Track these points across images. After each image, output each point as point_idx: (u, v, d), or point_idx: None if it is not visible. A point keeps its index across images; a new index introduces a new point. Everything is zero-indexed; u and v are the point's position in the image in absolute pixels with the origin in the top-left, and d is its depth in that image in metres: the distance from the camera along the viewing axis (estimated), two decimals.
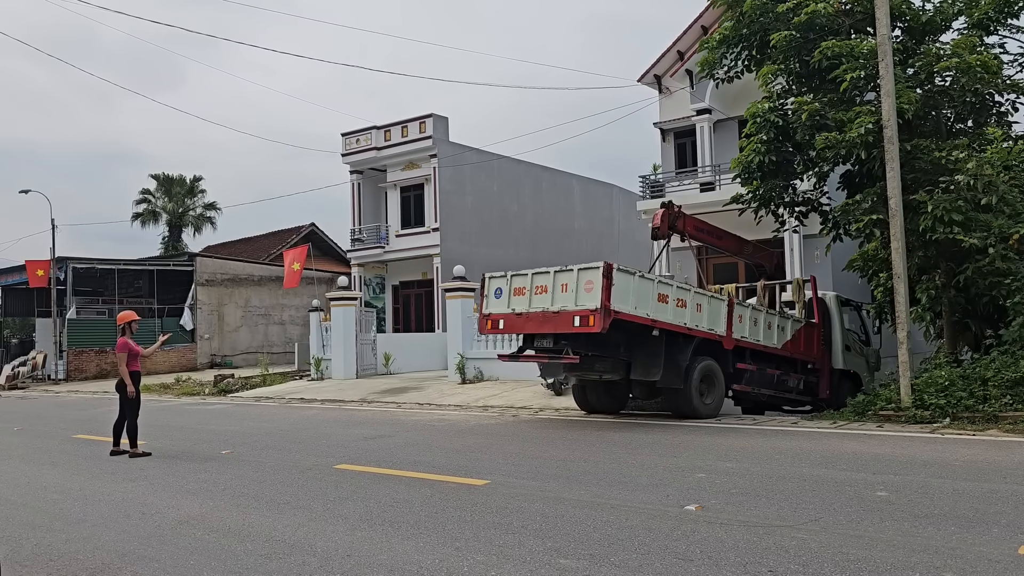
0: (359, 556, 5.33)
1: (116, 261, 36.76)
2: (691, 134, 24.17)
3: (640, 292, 11.29)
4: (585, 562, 5.00)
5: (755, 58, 14.91)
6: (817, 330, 14.56)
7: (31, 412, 19.47)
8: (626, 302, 11.02)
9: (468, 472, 8.33)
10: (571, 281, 11.15)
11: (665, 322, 11.56)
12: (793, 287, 15.14)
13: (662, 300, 11.54)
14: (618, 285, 10.90)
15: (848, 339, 15.49)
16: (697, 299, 12.16)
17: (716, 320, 12.42)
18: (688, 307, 11.93)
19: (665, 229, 14.43)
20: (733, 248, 16.51)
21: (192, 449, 11.26)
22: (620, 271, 11.01)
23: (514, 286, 11.97)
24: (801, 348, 14.12)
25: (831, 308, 15.33)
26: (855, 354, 15.71)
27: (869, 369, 16.15)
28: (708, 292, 12.81)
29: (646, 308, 11.32)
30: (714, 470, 7.95)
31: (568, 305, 11.05)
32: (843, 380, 15.23)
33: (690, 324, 11.95)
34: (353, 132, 31.79)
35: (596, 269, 10.86)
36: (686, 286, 12.29)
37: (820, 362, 14.52)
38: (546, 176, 34.06)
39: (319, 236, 43.08)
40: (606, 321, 10.67)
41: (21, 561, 5.56)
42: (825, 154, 13.05)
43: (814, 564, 4.78)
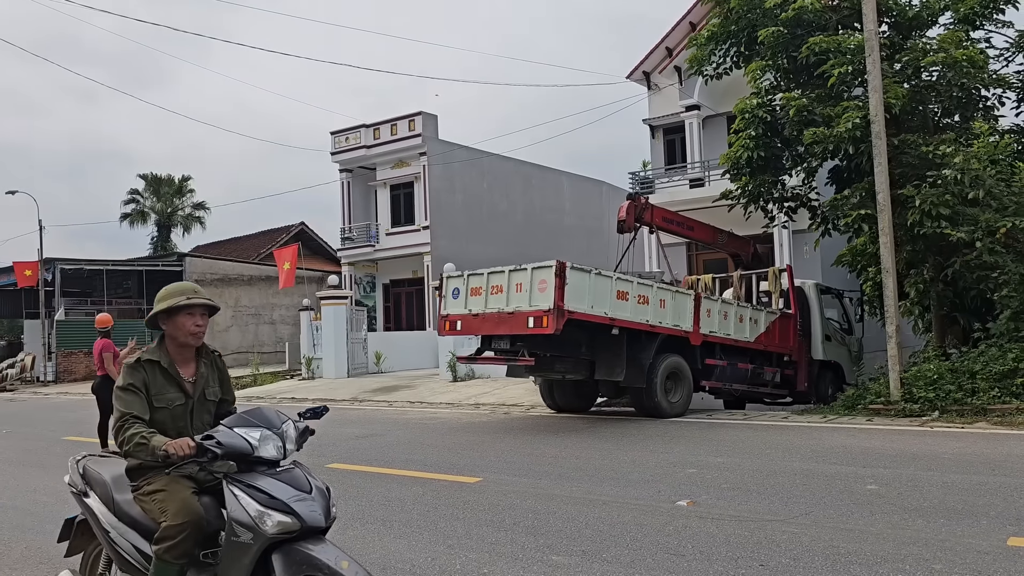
0: (351, 555, 5.31)
1: (104, 262, 36.55)
2: (680, 130, 24.20)
3: (597, 290, 10.97)
4: (577, 558, 5.01)
5: (743, 54, 14.94)
6: (793, 321, 14.25)
7: (20, 414, 19.36)
8: (582, 301, 10.70)
9: (460, 470, 8.34)
10: (525, 281, 10.82)
11: (625, 320, 11.23)
12: (770, 277, 14.81)
13: (621, 297, 11.21)
14: (572, 284, 10.57)
15: (828, 329, 15.24)
16: (660, 295, 11.86)
17: (681, 316, 12.10)
18: (651, 303, 11.62)
19: (631, 222, 14.10)
20: (706, 238, 16.17)
21: None
22: (574, 269, 10.66)
23: (471, 286, 11.60)
24: (776, 341, 13.82)
25: (810, 297, 15.04)
26: (836, 344, 15.46)
27: (852, 359, 15.91)
28: (672, 287, 12.49)
29: (604, 306, 11.00)
30: (705, 465, 7.97)
31: (523, 306, 10.71)
32: (824, 371, 15.04)
33: (652, 321, 11.63)
34: (342, 130, 31.69)
35: (549, 268, 10.54)
36: (648, 282, 11.96)
37: (797, 354, 14.27)
38: (536, 173, 34.05)
39: (309, 235, 42.93)
40: (559, 322, 10.35)
41: (11, 564, 5.53)
42: (813, 149, 13.10)
43: (805, 558, 4.81)
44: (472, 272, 11.75)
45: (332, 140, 31.93)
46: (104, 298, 36.67)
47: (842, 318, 16.21)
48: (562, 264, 10.48)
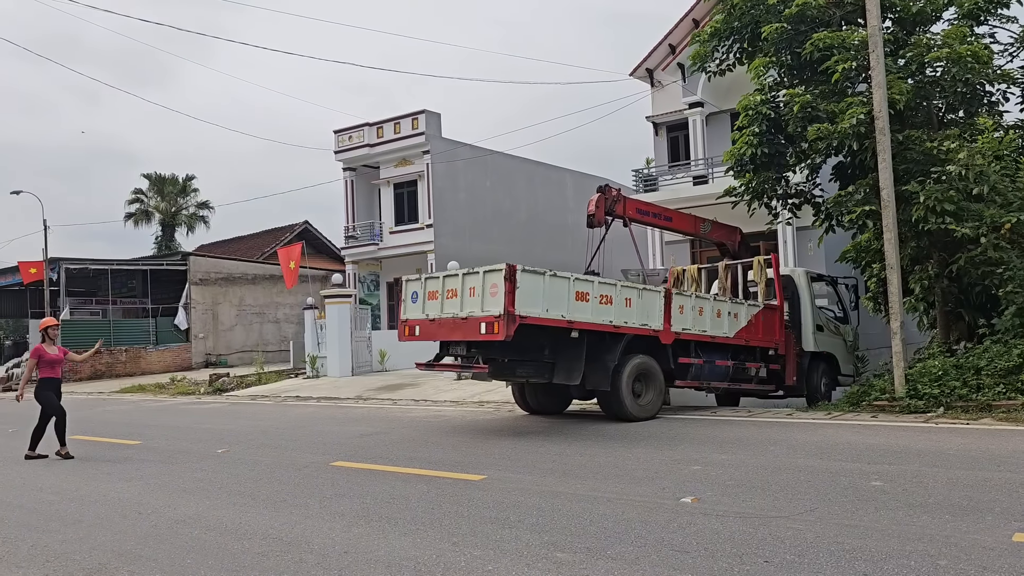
0: (356, 552, 5.34)
1: (109, 261, 36.63)
2: (683, 127, 24.18)
3: (553, 293, 10.45)
4: (582, 555, 5.02)
5: (746, 51, 14.93)
6: (778, 313, 13.67)
7: (26, 414, 19.37)
8: (535, 305, 10.20)
9: (465, 467, 8.35)
10: (478, 285, 10.37)
11: (584, 322, 10.71)
12: (754, 267, 14.21)
13: (581, 299, 10.68)
14: (525, 287, 10.08)
15: (820, 319, 14.58)
16: (625, 293, 11.30)
17: (650, 314, 11.55)
18: (615, 303, 11.08)
19: (601, 216, 13.32)
20: (687, 228, 15.41)
21: (188, 448, 11.25)
22: (526, 272, 10.18)
23: (428, 290, 11.18)
24: (759, 335, 13.21)
25: (799, 286, 14.40)
26: (829, 334, 14.82)
27: (847, 349, 15.27)
28: (639, 285, 11.87)
29: (561, 309, 10.47)
30: (710, 462, 7.97)
31: (475, 311, 10.28)
32: (816, 363, 14.39)
33: (616, 321, 11.09)
34: (345, 129, 31.72)
35: (500, 272, 10.09)
36: (611, 280, 11.33)
37: (784, 347, 13.65)
38: (539, 171, 34.04)
39: (313, 234, 42.99)
40: (510, 328, 9.87)
41: (18, 563, 5.55)
42: (817, 146, 13.08)
43: (810, 554, 4.81)
44: (429, 275, 11.37)
45: (335, 139, 31.95)
46: (109, 298, 36.77)
47: (837, 306, 15.58)
48: (511, 267, 10.03)
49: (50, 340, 11.24)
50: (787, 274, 14.53)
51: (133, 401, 22.56)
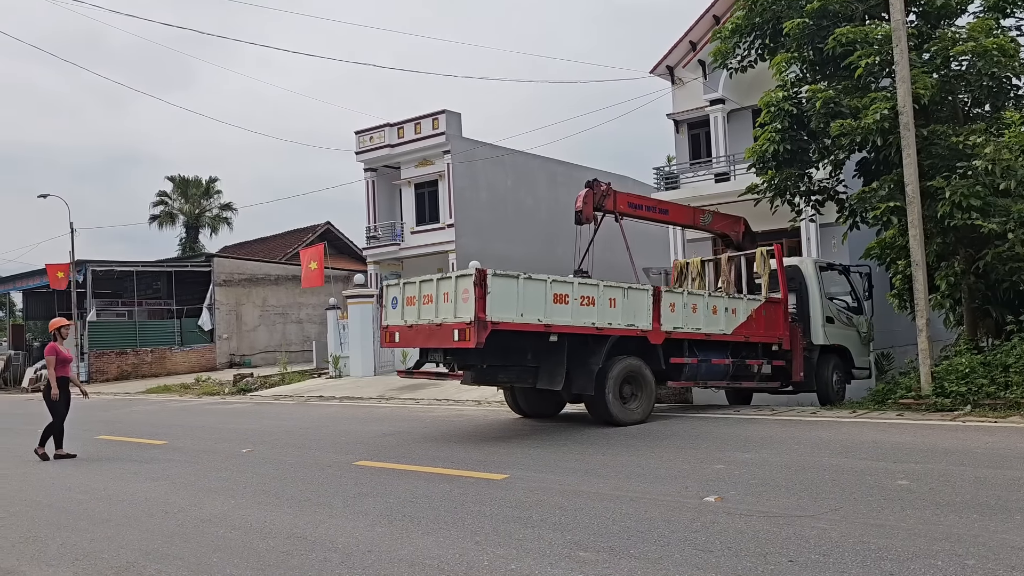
0: (380, 551, 5.37)
1: (134, 263, 37.08)
2: (705, 125, 24.06)
3: (528, 296, 10.00)
4: (605, 554, 5.01)
5: (768, 47, 14.82)
6: (782, 306, 13.13)
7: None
8: (509, 310, 9.78)
9: (487, 466, 8.36)
10: (451, 290, 10.02)
11: (564, 325, 10.28)
12: (757, 259, 13.70)
13: (560, 301, 10.24)
14: (497, 292, 9.68)
15: (830, 310, 14.06)
16: (609, 293, 10.82)
17: (637, 313, 11.10)
18: (597, 304, 10.63)
19: (589, 212, 12.60)
20: (685, 221, 14.58)
21: (213, 448, 11.36)
22: (498, 276, 9.78)
23: (406, 295, 10.88)
24: (760, 330, 12.74)
25: (807, 276, 13.89)
26: (841, 326, 14.27)
27: (861, 341, 14.66)
28: (623, 283, 11.29)
29: (537, 313, 10.02)
30: (733, 461, 7.93)
31: (449, 317, 9.94)
32: (827, 357, 13.89)
33: (599, 323, 10.64)
34: (366, 130, 31.88)
35: (471, 277, 9.73)
36: (592, 281, 10.82)
37: (789, 342, 13.13)
38: (560, 170, 34.01)
39: (335, 234, 43.26)
40: (481, 335, 9.47)
41: (47, 561, 5.64)
42: (840, 141, 12.95)
43: (835, 553, 4.77)
44: (407, 280, 11.03)
45: (356, 139, 32.12)
46: (134, 299, 37.21)
47: (851, 296, 14.97)
48: (481, 272, 9.68)
49: (62, 339, 11.44)
50: (794, 264, 14.09)
51: (159, 401, 22.81)
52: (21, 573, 5.36)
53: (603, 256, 13.07)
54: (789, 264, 13.97)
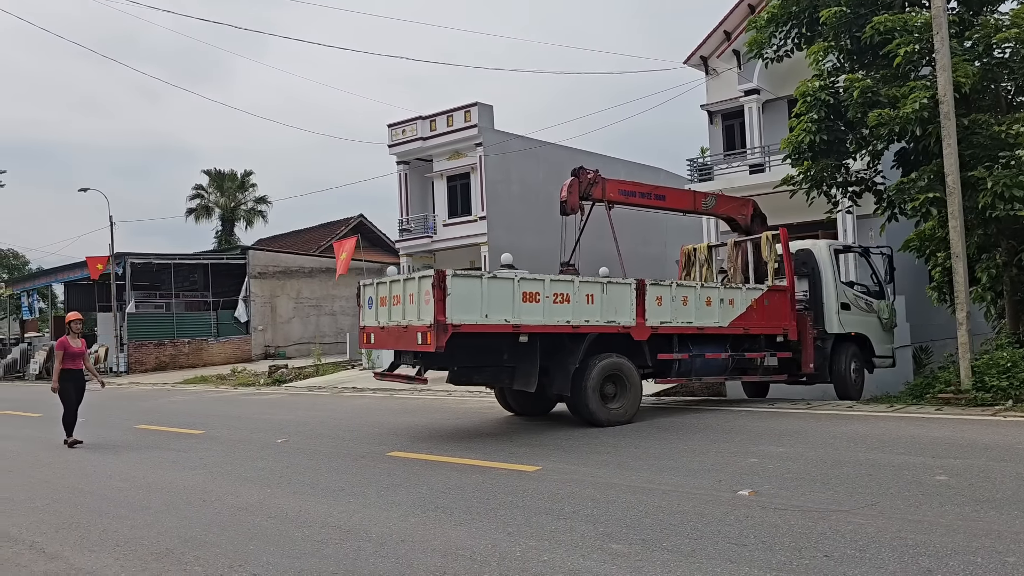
0: (413, 541, 5.41)
1: (172, 256, 37.66)
2: (739, 115, 23.80)
3: (494, 296, 9.63)
4: (637, 547, 5.00)
5: (804, 36, 14.61)
6: (787, 294, 12.52)
7: (95, 403, 20.08)
8: (473, 311, 9.44)
9: (519, 458, 8.38)
10: (415, 291, 9.70)
11: (535, 325, 9.89)
12: (762, 244, 13.14)
13: (530, 300, 9.85)
14: (459, 293, 9.35)
15: (846, 296, 13.35)
16: (586, 289, 10.35)
17: (619, 309, 10.62)
18: (573, 301, 10.20)
19: (575, 201, 11.98)
20: (684, 205, 13.66)
21: (249, 438, 11.52)
22: (459, 277, 9.48)
23: (379, 295, 10.61)
24: (762, 321, 12.12)
25: (820, 261, 13.21)
26: (859, 312, 13.50)
27: (882, 327, 13.87)
28: (602, 279, 10.83)
29: (504, 313, 9.65)
30: (767, 455, 7.86)
31: (413, 319, 9.66)
32: (843, 346, 13.22)
33: (575, 321, 10.20)
34: (399, 123, 31.98)
35: (430, 278, 9.41)
36: (567, 277, 10.41)
37: (796, 332, 12.54)
38: (592, 162, 33.49)
39: (367, 227, 43.55)
40: (441, 339, 9.16)
41: (90, 547, 5.76)
42: (879, 132, 12.74)
43: (871, 549, 4.71)
44: (380, 280, 10.77)
45: (389, 133, 32.25)
46: (172, 291, 37.82)
47: (872, 279, 14.26)
48: (440, 273, 9.35)
49: (74, 333, 11.90)
50: (806, 248, 13.43)
51: (196, 392, 23.18)
52: (65, 558, 5.49)
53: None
54: (801, 248, 13.40)
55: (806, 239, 14.04)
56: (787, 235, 13.01)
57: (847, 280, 13.80)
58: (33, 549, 5.77)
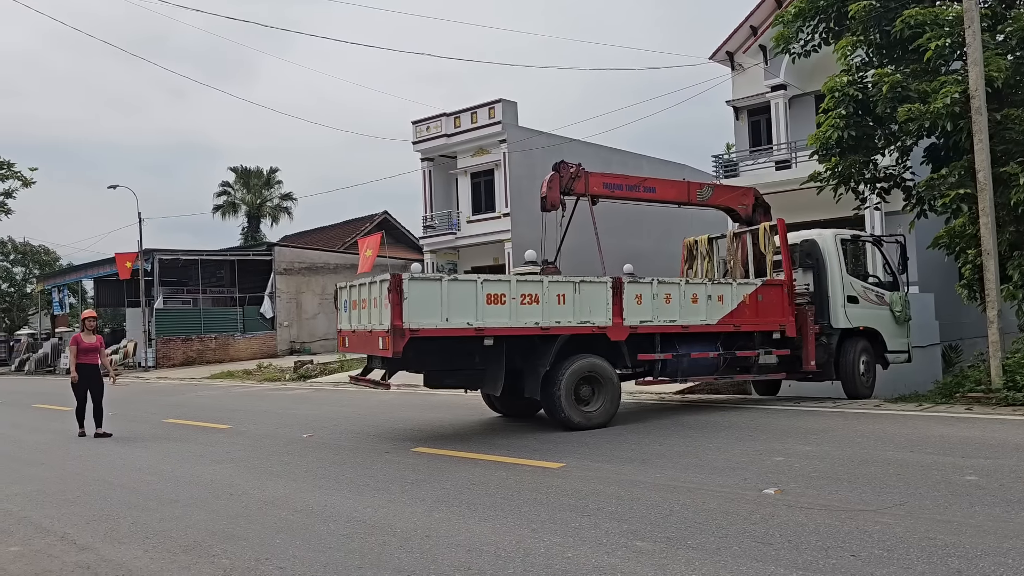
0: (437, 536, 5.43)
1: (199, 252, 38.05)
2: (765, 111, 23.63)
3: (456, 299, 9.37)
4: (662, 545, 4.98)
5: (832, 30, 14.47)
6: (784, 289, 11.94)
7: (124, 398, 20.37)
8: (433, 315, 9.21)
9: (543, 455, 8.38)
10: (378, 295, 9.51)
11: (500, 327, 9.58)
12: (760, 236, 12.60)
13: (495, 301, 9.54)
14: (417, 297, 9.13)
15: (853, 288, 12.74)
16: (557, 289, 10.01)
17: (594, 309, 10.23)
18: (542, 302, 9.86)
19: (555, 197, 11.63)
20: (677, 197, 12.97)
21: (275, 432, 11.62)
22: (417, 280, 9.30)
23: (352, 299, 10.47)
24: (754, 317, 11.58)
25: (825, 252, 12.67)
26: (868, 305, 12.90)
27: (896, 321, 13.19)
28: (575, 277, 10.41)
29: (467, 316, 9.37)
30: (793, 453, 7.80)
31: (376, 324, 9.52)
32: (851, 341, 12.64)
33: (545, 322, 9.85)
34: (423, 120, 32.09)
35: (386, 282, 9.23)
36: (536, 277, 10.10)
37: (794, 328, 11.95)
38: (616, 158, 33.74)
39: (392, 223, 43.73)
40: (398, 344, 8.99)
41: (120, 539, 5.85)
42: (908, 127, 12.58)
43: (899, 549, 4.66)
44: (352, 283, 10.62)
45: (413, 129, 32.37)
46: (199, 287, 38.21)
47: (884, 270, 13.65)
48: (396, 277, 9.15)
49: (88, 330, 12.41)
50: (810, 239, 12.90)
51: (222, 387, 23.42)
52: (95, 549, 5.57)
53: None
54: (805, 238, 12.93)
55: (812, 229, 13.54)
56: (785, 226, 12.47)
57: (858, 272, 13.15)
58: (65, 540, 5.86)
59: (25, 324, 56.07)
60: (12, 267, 56.73)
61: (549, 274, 10.60)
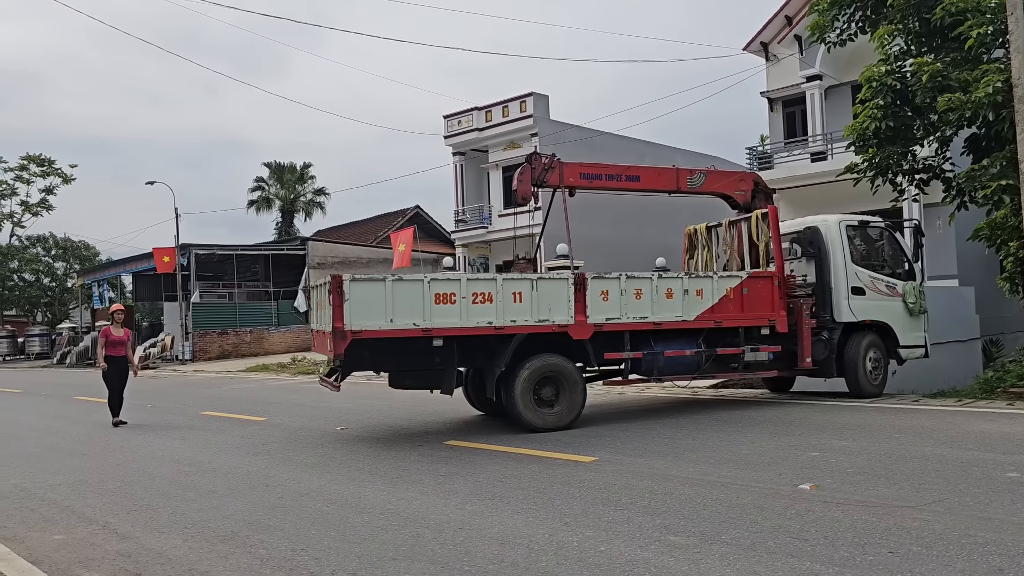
0: (471, 529, 5.45)
1: (234, 247, 38.52)
2: (800, 102, 23.33)
3: (403, 299, 9.18)
4: (695, 539, 4.96)
5: (870, 19, 14.23)
6: (773, 282, 11.18)
7: (162, 390, 20.72)
8: (376, 316, 9.06)
9: (575, 449, 8.38)
10: (324, 297, 9.42)
11: (450, 328, 9.34)
12: (752, 225, 11.85)
13: (444, 301, 9.30)
14: (358, 298, 9.00)
15: (859, 279, 11.79)
16: (513, 287, 9.63)
17: (554, 307, 9.81)
18: (496, 300, 9.51)
19: (526, 190, 11.16)
20: (666, 185, 12.24)
21: (309, 425, 11.75)
22: (358, 281, 9.13)
23: (316, 299, 10.39)
24: (739, 312, 10.92)
25: (828, 240, 11.81)
26: (876, 297, 11.91)
27: (909, 313, 12.08)
28: (532, 274, 10.13)
29: (414, 317, 9.17)
30: (829, 449, 7.71)
31: (326, 326, 9.38)
32: (857, 336, 11.70)
33: (499, 322, 9.51)
34: (454, 114, 32.15)
35: (326, 285, 9.16)
36: (487, 276, 9.74)
37: (785, 323, 11.16)
38: (649, 151, 33.51)
39: (423, 218, 43.92)
40: (339, 346, 8.94)
41: (159, 528, 5.96)
42: (948, 117, 12.34)
43: (938, 546, 4.59)
44: (317, 284, 10.33)
45: (445, 124, 32.44)
46: (234, 281, 38.69)
47: (898, 257, 12.47)
48: (337, 278, 9.04)
49: (116, 323, 12.92)
50: (813, 226, 12.07)
51: (257, 380, 23.70)
52: (136, 539, 5.68)
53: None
54: (809, 225, 12.16)
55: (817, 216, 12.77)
56: (776, 213, 11.72)
57: (870, 261, 12.19)
58: (106, 530, 5.99)
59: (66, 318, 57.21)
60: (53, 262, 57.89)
61: (522, 270, 10.30)
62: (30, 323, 56.56)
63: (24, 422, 14.30)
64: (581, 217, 29.81)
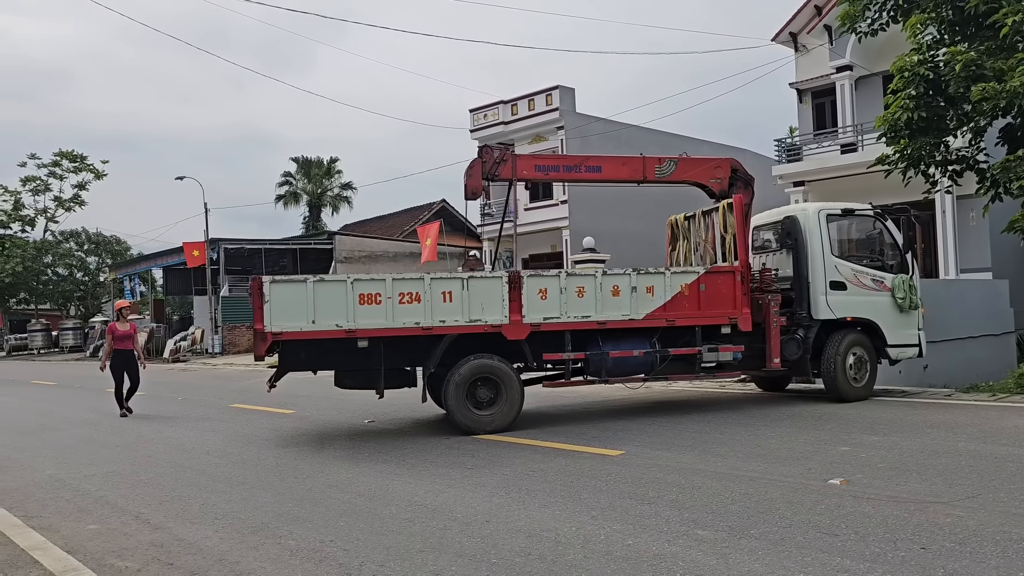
0: (498, 522, 5.47)
1: (262, 241, 38.86)
2: (830, 93, 23.04)
3: (325, 300, 9.11)
4: (724, 534, 4.93)
5: (901, 7, 13.98)
6: (735, 277, 10.46)
7: (192, 383, 20.99)
8: (297, 317, 9.02)
9: (602, 442, 8.36)
10: None
11: (375, 328, 9.23)
12: (720, 216, 11.15)
13: (369, 301, 9.20)
14: (279, 299, 9.01)
15: (839, 272, 10.96)
16: (442, 286, 9.44)
17: (487, 306, 9.54)
18: (424, 300, 9.35)
19: (477, 184, 10.83)
20: (631, 175, 11.65)
21: (337, 418, 11.84)
22: (278, 283, 9.11)
23: None
24: (695, 309, 10.28)
25: (807, 231, 11.04)
26: (860, 292, 11.04)
27: (899, 309, 11.16)
28: (463, 273, 9.89)
29: (336, 318, 9.10)
30: (860, 443, 7.63)
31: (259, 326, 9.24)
32: (838, 334, 10.87)
33: (427, 322, 9.34)
34: (480, 108, 32.15)
35: None
36: (414, 275, 9.66)
37: (748, 321, 10.43)
38: (675, 143, 33.21)
39: (450, 212, 43.95)
40: (259, 347, 9.05)
41: (191, 519, 6.04)
42: (982, 107, 12.10)
43: (972, 542, 4.52)
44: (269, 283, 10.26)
45: (471, 117, 32.46)
46: (263, 275, 39.00)
47: (890, 248, 11.55)
48: (256, 281, 9.07)
49: (123, 318, 13.62)
50: (791, 216, 11.36)
51: None
52: (168, 529, 5.76)
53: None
54: (788, 215, 11.47)
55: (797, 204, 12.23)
56: (742, 203, 10.93)
57: (859, 252, 11.52)
58: (139, 520, 6.08)
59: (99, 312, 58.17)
60: (86, 257, 58.83)
61: (471, 268, 10.11)
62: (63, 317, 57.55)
63: (59, 413, 14.56)
64: (612, 210, 29.84)
